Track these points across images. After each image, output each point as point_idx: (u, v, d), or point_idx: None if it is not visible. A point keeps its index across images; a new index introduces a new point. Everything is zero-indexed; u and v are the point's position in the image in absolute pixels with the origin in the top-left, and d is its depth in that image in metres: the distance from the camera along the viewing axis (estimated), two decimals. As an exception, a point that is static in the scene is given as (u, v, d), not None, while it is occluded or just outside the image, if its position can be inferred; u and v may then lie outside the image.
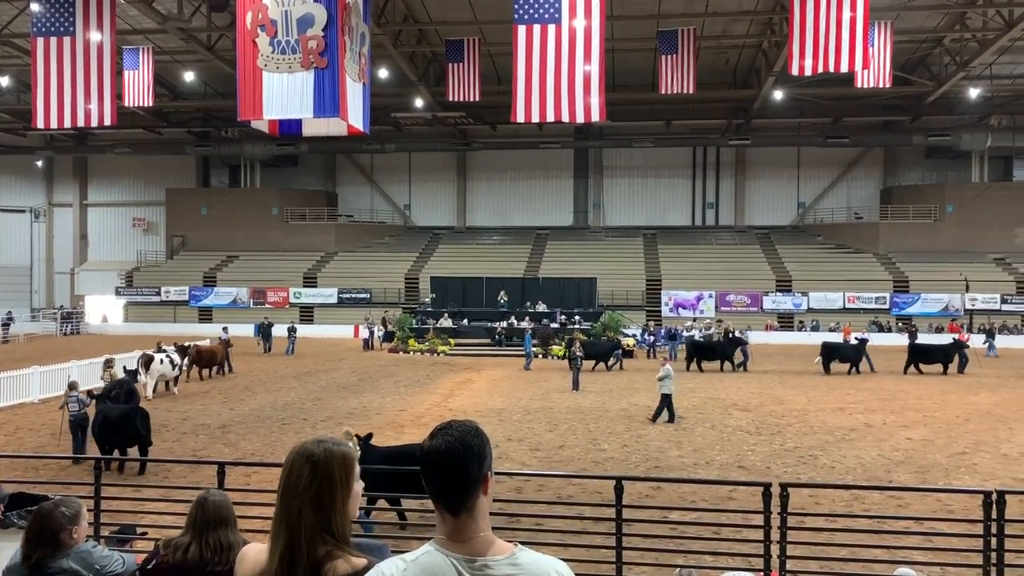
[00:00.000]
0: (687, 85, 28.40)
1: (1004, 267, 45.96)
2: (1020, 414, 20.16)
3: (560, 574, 2.20)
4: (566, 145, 51.45)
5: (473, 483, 2.18)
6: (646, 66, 38.39)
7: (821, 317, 43.79)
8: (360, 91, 14.23)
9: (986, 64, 38.06)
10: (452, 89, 29.98)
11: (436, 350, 34.42)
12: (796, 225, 52.65)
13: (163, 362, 22.34)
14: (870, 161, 51.86)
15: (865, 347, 28.99)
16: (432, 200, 55.46)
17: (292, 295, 48.23)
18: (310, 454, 2.37)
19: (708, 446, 16.11)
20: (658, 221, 53.09)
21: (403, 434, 16.92)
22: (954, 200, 47.87)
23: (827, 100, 42.86)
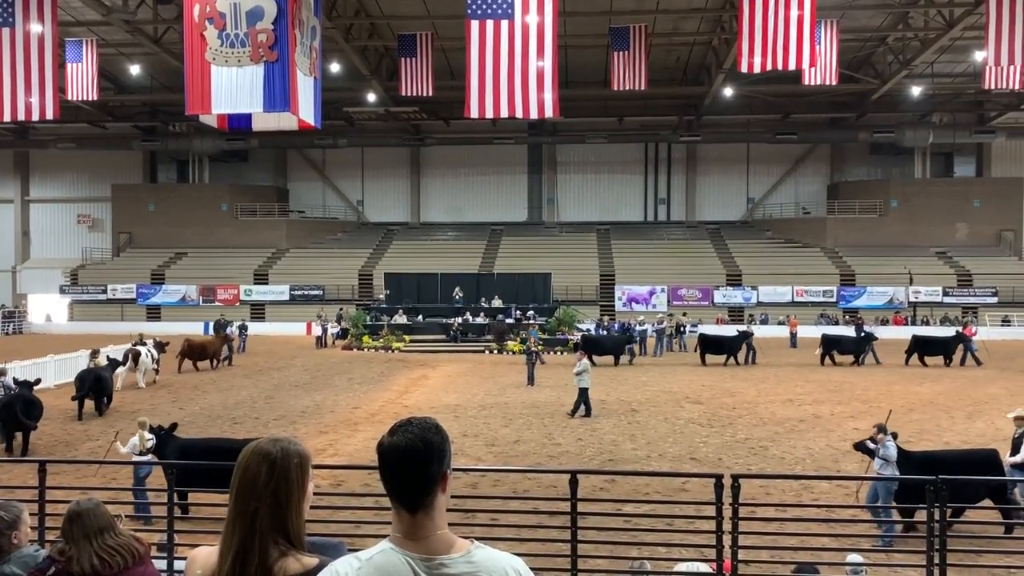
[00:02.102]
0: (639, 82, 28.63)
1: (946, 260, 47.27)
2: (961, 403, 20.78)
3: (517, 571, 2.20)
4: (520, 141, 51.52)
5: (432, 481, 2.17)
6: (598, 62, 38.58)
7: (770, 310, 44.58)
8: (311, 85, 14.07)
9: (928, 63, 39.05)
10: (405, 84, 29.80)
11: (391, 347, 34.23)
12: (746, 220, 53.48)
13: (147, 356, 23.49)
14: (817, 157, 52.88)
15: (871, 341, 29.60)
16: (386, 196, 55.09)
17: (243, 292, 47.52)
18: (267, 453, 2.33)
19: (661, 439, 16.30)
20: (611, 216, 53.47)
21: (358, 432, 16.82)
22: (898, 195, 49.09)
23: (775, 97, 43.58)
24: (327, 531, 7.61)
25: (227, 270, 48.65)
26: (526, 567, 2.24)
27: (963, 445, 15.64)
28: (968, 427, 17.64)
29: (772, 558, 7.93)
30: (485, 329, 36.11)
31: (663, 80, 41.45)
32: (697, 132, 49.24)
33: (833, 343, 30.02)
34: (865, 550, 8.65)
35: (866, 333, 30.82)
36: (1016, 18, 20.75)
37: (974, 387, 23.77)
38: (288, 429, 16.89)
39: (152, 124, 50.75)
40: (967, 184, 50.47)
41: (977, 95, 44.58)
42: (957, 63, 40.41)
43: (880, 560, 8.58)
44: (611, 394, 22.30)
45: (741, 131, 50.06)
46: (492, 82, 16.86)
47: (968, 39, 33.57)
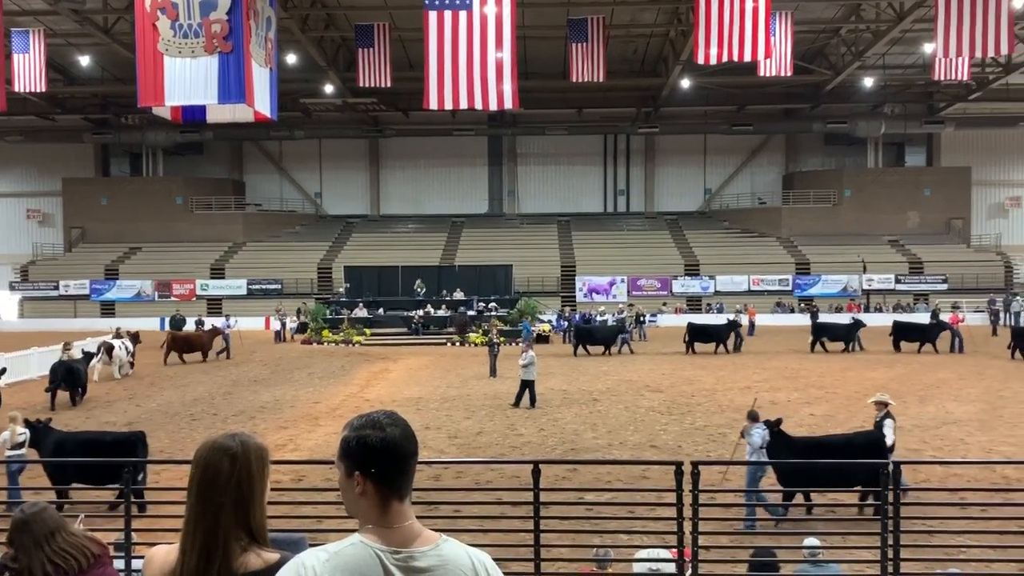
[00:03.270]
0: (597, 73, 28.72)
1: (898, 248, 48.26)
2: (913, 388, 21.28)
3: (484, 565, 2.23)
4: (480, 132, 51.40)
5: (414, 468, 2.25)
6: (557, 54, 38.60)
7: (727, 300, 45.11)
8: (267, 76, 13.90)
9: (879, 54, 39.76)
10: (363, 75, 29.53)
11: (351, 340, 34.00)
12: (703, 211, 54.02)
13: (121, 348, 24.22)
14: (773, 148, 53.57)
15: (858, 328, 30.18)
16: (344, 188, 54.61)
17: (199, 287, 46.81)
18: (227, 448, 2.31)
19: (622, 427, 16.45)
20: (572, 208, 53.65)
21: (318, 427, 16.72)
22: (851, 185, 49.95)
23: (732, 89, 44.02)
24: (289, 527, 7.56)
25: (183, 265, 47.86)
26: (492, 562, 2.28)
27: (914, 428, 16.04)
28: (920, 411, 18.07)
29: (731, 543, 8.07)
30: (447, 321, 36.06)
31: (621, 72, 41.63)
32: (655, 124, 49.57)
33: (823, 330, 30.70)
34: (821, 533, 8.83)
35: (854, 320, 31.55)
36: (963, 11, 21.24)
37: (925, 372, 24.36)
38: (247, 425, 16.72)
39: (103, 116, 49.64)
40: (918, 173, 51.53)
41: (927, 86, 45.53)
42: (908, 55, 41.19)
43: (836, 543, 8.77)
44: (572, 384, 22.44)
45: (698, 123, 50.50)
46: (451, 73, 16.81)
47: (918, 31, 34.22)
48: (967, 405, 18.79)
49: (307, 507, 9.57)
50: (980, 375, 23.72)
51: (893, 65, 42.39)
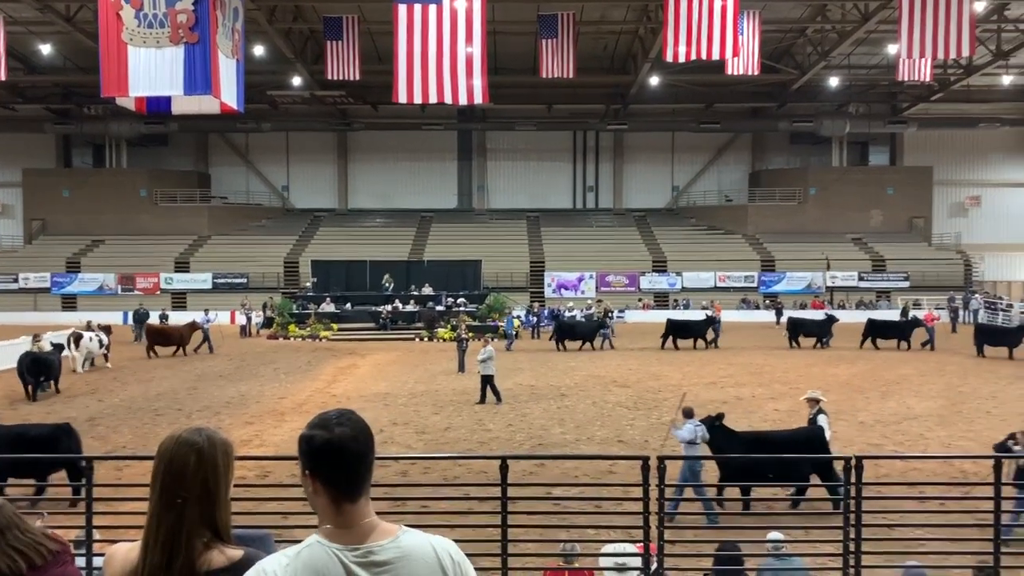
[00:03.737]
0: (567, 70, 28.76)
1: (861, 246, 49.00)
2: (875, 384, 21.62)
3: (447, 551, 2.22)
4: (449, 127, 51.26)
5: (371, 468, 2.21)
6: (527, 50, 38.62)
7: (694, 296, 45.49)
8: (233, 68, 13.73)
9: (845, 54, 40.29)
10: (331, 68, 29.31)
11: (318, 335, 33.75)
12: (671, 208, 54.38)
13: (92, 340, 24.24)
14: (739, 146, 54.07)
15: (832, 323, 30.73)
16: (312, 181, 54.16)
17: (163, 281, 46.17)
18: (192, 443, 2.28)
19: (589, 422, 16.52)
20: (541, 204, 53.72)
21: (284, 422, 16.58)
22: (816, 183, 50.59)
23: (700, 87, 44.34)
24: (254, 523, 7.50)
25: (147, 258, 47.17)
26: (455, 547, 2.27)
27: (876, 424, 16.30)
28: (881, 407, 18.37)
29: (696, 537, 8.14)
30: (415, 317, 35.94)
31: (591, 68, 41.76)
32: (624, 121, 49.80)
33: (799, 326, 31.15)
34: (785, 527, 8.95)
35: (828, 316, 32.02)
36: (927, 13, 21.58)
37: (887, 368, 24.76)
38: (212, 420, 16.54)
39: (66, 106, 48.72)
40: (881, 172, 52.37)
41: (891, 87, 46.24)
42: (872, 55, 41.80)
43: (799, 537, 8.89)
44: (541, 379, 22.50)
45: (667, 120, 50.80)
46: (420, 67, 16.74)
47: (882, 32, 34.75)
48: (927, 401, 19.14)
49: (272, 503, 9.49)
50: (940, 371, 24.17)
51: (858, 65, 43.00)
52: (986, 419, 17.02)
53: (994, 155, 52.53)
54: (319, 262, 41.59)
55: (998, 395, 20.07)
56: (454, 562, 2.22)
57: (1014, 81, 44.41)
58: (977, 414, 17.59)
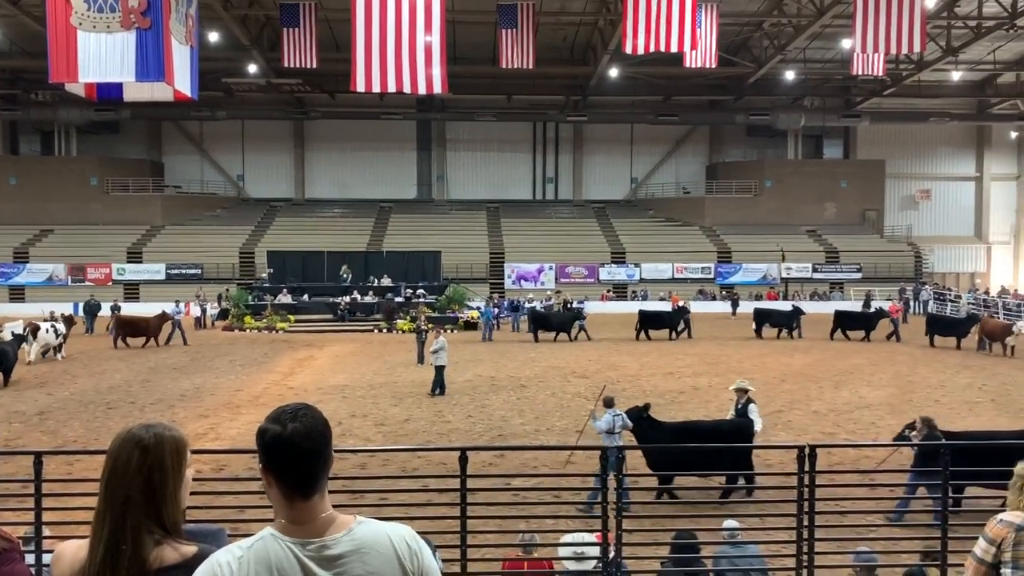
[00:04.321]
0: (527, 60, 28.73)
1: (815, 238, 49.82)
2: (828, 374, 22.04)
3: (404, 539, 2.21)
4: (408, 116, 50.88)
5: (327, 464, 2.19)
6: (487, 40, 38.49)
7: (652, 287, 45.88)
8: (187, 54, 13.46)
9: (800, 48, 40.80)
10: (288, 55, 28.91)
11: (275, 327, 33.38)
12: (629, 199, 54.70)
13: (48, 331, 24.19)
14: (697, 138, 54.54)
15: (799, 315, 31.36)
16: (268, 170, 53.39)
17: (115, 271, 45.22)
18: (139, 439, 2.24)
19: (549, 413, 16.59)
20: (501, 195, 53.67)
21: (240, 415, 16.39)
22: (772, 176, 51.28)
23: (658, 79, 44.61)
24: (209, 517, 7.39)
25: (98, 248, 46.11)
26: (414, 533, 2.26)
27: (829, 413, 16.62)
28: (834, 396, 18.74)
29: (655, 526, 8.23)
30: (374, 308, 35.71)
31: (551, 59, 41.75)
32: (583, 112, 49.90)
33: (765, 316, 31.70)
34: (740, 515, 9.09)
35: (794, 307, 32.53)
36: (880, 9, 21.96)
37: (840, 358, 25.25)
38: (167, 413, 16.29)
39: (12, 92, 47.28)
40: (835, 166, 53.26)
41: (844, 81, 46.98)
42: (827, 50, 42.38)
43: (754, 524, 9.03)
44: (501, 370, 22.52)
45: (625, 112, 51.01)
46: (379, 56, 16.58)
47: (837, 27, 35.24)
48: (879, 390, 19.56)
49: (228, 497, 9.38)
50: (891, 361, 24.72)
51: (813, 59, 43.58)
52: (935, 407, 17.43)
53: (944, 149, 53.75)
54: (275, 252, 41.10)
55: (946, 384, 20.60)
56: (411, 550, 2.21)
57: (963, 77, 45.44)
58: (926, 403, 18.02)
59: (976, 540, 4.08)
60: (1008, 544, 3.89)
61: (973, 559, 4.04)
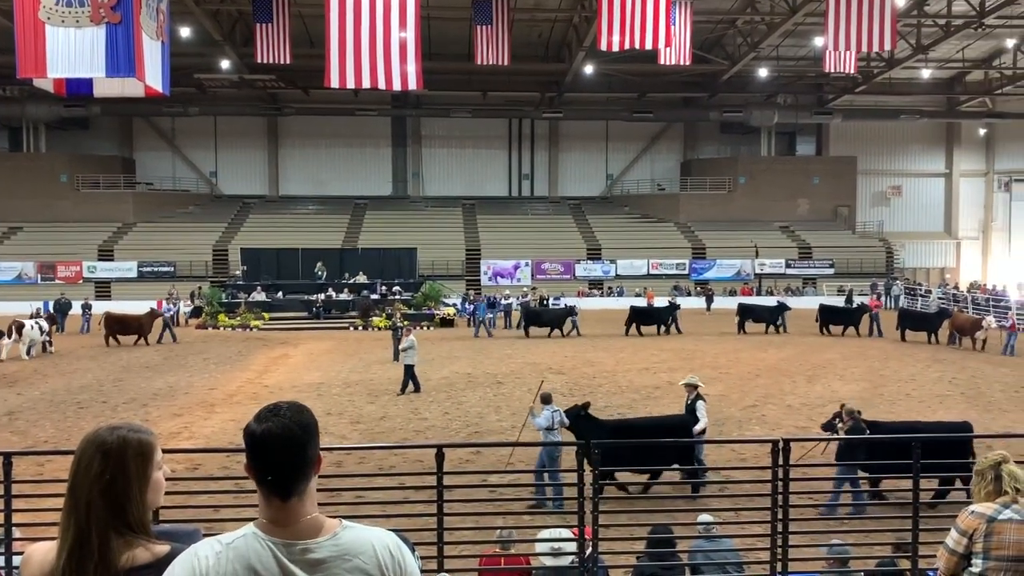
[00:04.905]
0: (502, 57, 28.65)
1: (788, 234, 50.28)
2: (802, 368, 22.25)
3: (387, 547, 2.19)
4: (383, 113, 50.66)
5: (309, 464, 2.15)
6: (462, 36, 38.39)
7: (628, 283, 46.09)
8: (158, 49, 13.29)
9: (773, 46, 41.13)
10: (261, 51, 28.61)
11: (249, 325, 33.11)
12: (605, 196, 54.87)
13: (33, 328, 24.53)
14: (671, 135, 54.80)
15: (783, 310, 31.55)
16: (241, 167, 52.93)
17: (86, 269, 44.63)
18: (101, 442, 2.23)
19: (525, 409, 16.47)
20: (477, 191, 53.60)
21: (214, 414, 16.25)
22: (746, 172, 51.66)
23: (633, 76, 44.74)
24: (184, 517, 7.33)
25: (68, 246, 45.50)
26: (399, 541, 2.24)
27: (802, 407, 16.78)
28: (808, 390, 18.92)
29: (631, 521, 8.27)
30: (349, 305, 35.54)
31: (526, 56, 41.75)
32: (559, 109, 49.97)
33: (748, 312, 31.90)
34: (715, 509, 9.16)
35: (779, 303, 32.82)
36: (851, 7, 22.17)
37: (813, 353, 25.50)
38: (139, 412, 16.11)
39: (-22, 87, 46.52)
40: (807, 162, 53.75)
41: (817, 78, 47.42)
42: (800, 47, 42.76)
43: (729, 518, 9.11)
44: (477, 367, 22.51)
45: (601, 109, 51.16)
46: (353, 52, 16.48)
47: (810, 25, 35.53)
48: (851, 384, 19.78)
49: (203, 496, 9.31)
50: (863, 355, 25.01)
51: (786, 57, 43.93)
52: (906, 401, 17.69)
53: (914, 146, 54.43)
54: (249, 250, 40.77)
55: (917, 377, 20.88)
56: (394, 558, 2.18)
57: (933, 75, 46.02)
58: (898, 396, 18.27)
59: (948, 531, 4.14)
60: (979, 535, 3.96)
61: (945, 550, 4.10)
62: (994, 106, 50.39)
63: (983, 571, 3.94)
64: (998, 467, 4.09)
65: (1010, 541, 3.90)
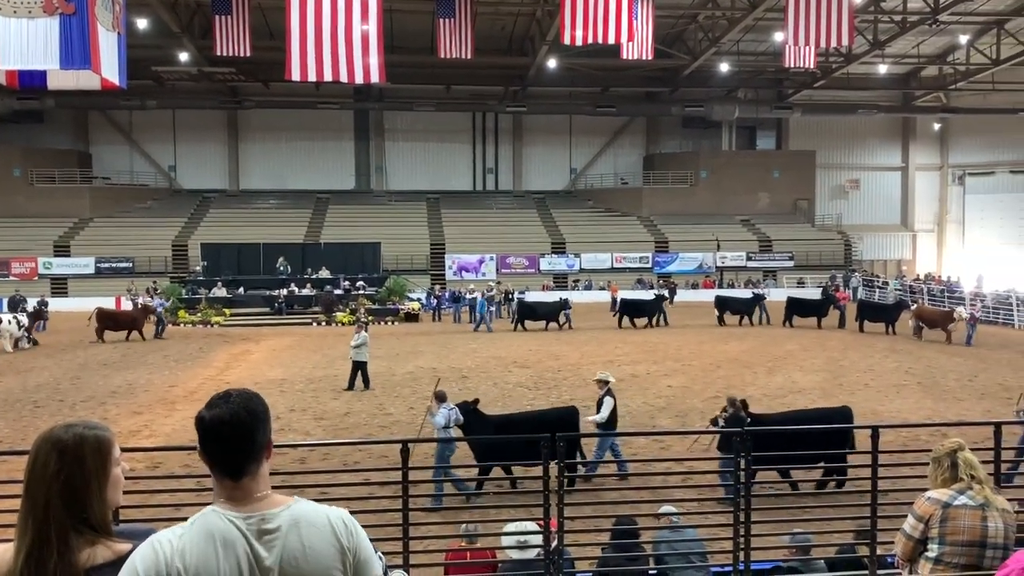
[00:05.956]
0: (465, 50, 28.57)
1: (749, 228, 50.88)
2: (762, 360, 22.55)
3: (342, 519, 2.28)
4: (345, 106, 50.23)
5: (259, 449, 2.24)
6: (425, 29, 38.19)
7: (592, 277, 46.30)
8: (115, 41, 13.03)
9: (734, 41, 41.54)
10: (220, 43, 28.19)
11: (209, 321, 32.69)
12: (569, 190, 55.02)
13: (11, 323, 25.07)
14: (634, 130, 55.09)
15: (759, 301, 32.13)
16: (201, 161, 52.15)
17: (42, 265, 43.70)
18: (57, 440, 2.21)
19: (491, 403, 16.57)
20: (441, 185, 53.42)
21: (175, 411, 16.02)
22: (707, 167, 52.16)
23: (596, 71, 44.88)
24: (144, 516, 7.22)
25: (22, 241, 44.50)
26: (349, 516, 2.33)
27: (763, 398, 17.00)
28: (768, 381, 19.18)
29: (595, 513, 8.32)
30: (312, 301, 35.25)
31: (489, 50, 41.65)
32: (523, 103, 49.98)
33: (725, 303, 32.41)
34: (677, 499, 9.25)
35: (755, 294, 33.27)
36: (811, 2, 22.45)
37: (774, 345, 25.85)
38: (97, 411, 15.83)
39: (-75, 78, 45.22)
40: (768, 156, 54.43)
41: (777, 73, 47.98)
42: (760, 42, 43.23)
43: (691, 508, 9.21)
44: (442, 361, 22.47)
45: (564, 103, 51.25)
46: (314, 44, 16.31)
47: (770, 20, 35.93)
48: (811, 375, 20.10)
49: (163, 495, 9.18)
50: (822, 346, 25.42)
51: (746, 52, 44.39)
52: (864, 391, 18.02)
53: (871, 140, 55.35)
54: (209, 245, 40.24)
55: (874, 368, 21.27)
56: (347, 528, 2.29)
57: (889, 70, 46.83)
58: (856, 386, 18.60)
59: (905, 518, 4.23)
60: (935, 521, 4.05)
61: (903, 535, 4.19)
62: (948, 101, 51.43)
63: (939, 556, 4.04)
64: (954, 454, 4.18)
65: (964, 526, 4.00)
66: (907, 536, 4.16)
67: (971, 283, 42.75)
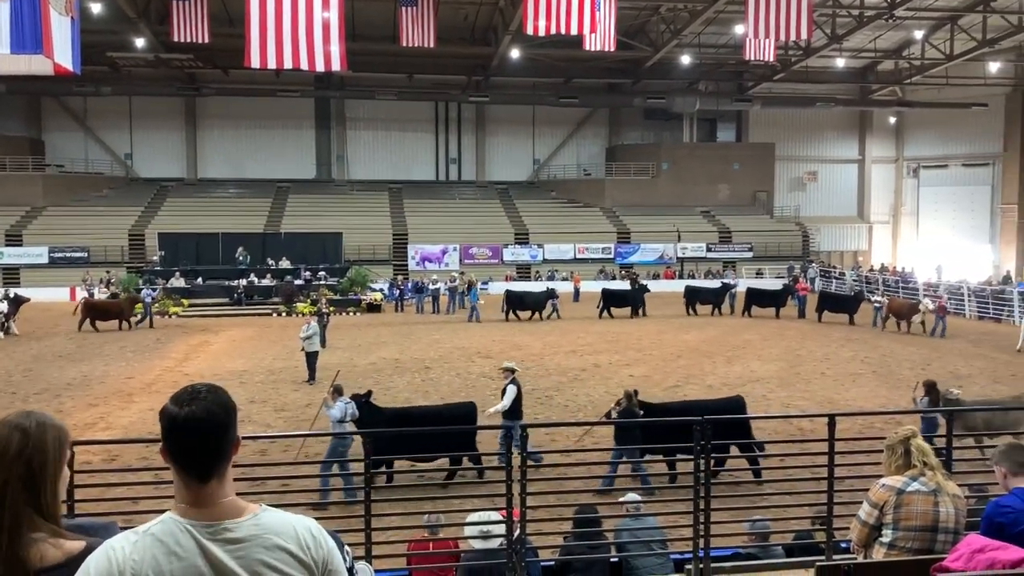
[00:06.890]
0: (428, 39, 28.40)
1: (709, 219, 51.39)
2: (721, 350, 22.83)
3: (308, 529, 2.18)
4: (306, 94, 49.58)
5: (229, 447, 2.15)
6: (387, 17, 37.84)
7: (555, 267, 46.43)
8: (68, 26, 12.74)
9: (695, 33, 41.78)
10: (177, 29, 27.71)
11: (167, 312, 32.18)
12: (532, 181, 55.05)
13: None
14: (597, 121, 55.23)
15: (728, 291, 32.68)
16: (158, 149, 51.17)
17: (-8, 255, 42.66)
18: (18, 424, 2.16)
19: (454, 393, 16.61)
20: (403, 175, 53.09)
21: (132, 403, 15.78)
22: (668, 158, 52.53)
23: (559, 61, 44.85)
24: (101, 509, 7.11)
25: (-29, 230, 43.40)
26: (317, 526, 2.24)
27: (723, 387, 17.22)
28: (727, 370, 19.43)
29: (559, 502, 8.37)
30: (272, 291, 34.88)
31: (452, 39, 41.40)
32: (486, 93, 49.78)
33: (695, 294, 32.88)
34: (640, 488, 9.35)
35: (724, 284, 33.92)
36: (770, -4, 22.69)
37: (733, 334, 26.18)
38: (52, 403, 15.52)
39: None
40: (728, 148, 54.95)
41: (737, 66, 48.39)
42: (721, 35, 43.51)
43: (653, 498, 9.31)
44: (405, 352, 22.41)
45: (527, 93, 51.17)
46: (275, 31, 16.10)
47: (730, 13, 36.17)
48: (769, 364, 20.40)
49: (120, 488, 9.04)
50: (781, 336, 25.81)
51: (708, 44, 44.68)
52: (821, 380, 18.35)
53: (829, 133, 56.17)
54: (167, 234, 39.61)
55: (831, 357, 21.66)
56: (315, 540, 2.18)
57: (847, 64, 47.50)
58: (813, 375, 18.93)
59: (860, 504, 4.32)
60: (889, 507, 4.14)
61: (858, 521, 4.28)
62: (904, 95, 52.32)
63: (892, 541, 4.13)
64: (907, 442, 4.28)
65: (917, 512, 4.09)
66: (862, 523, 4.25)
67: (930, 274, 43.71)
